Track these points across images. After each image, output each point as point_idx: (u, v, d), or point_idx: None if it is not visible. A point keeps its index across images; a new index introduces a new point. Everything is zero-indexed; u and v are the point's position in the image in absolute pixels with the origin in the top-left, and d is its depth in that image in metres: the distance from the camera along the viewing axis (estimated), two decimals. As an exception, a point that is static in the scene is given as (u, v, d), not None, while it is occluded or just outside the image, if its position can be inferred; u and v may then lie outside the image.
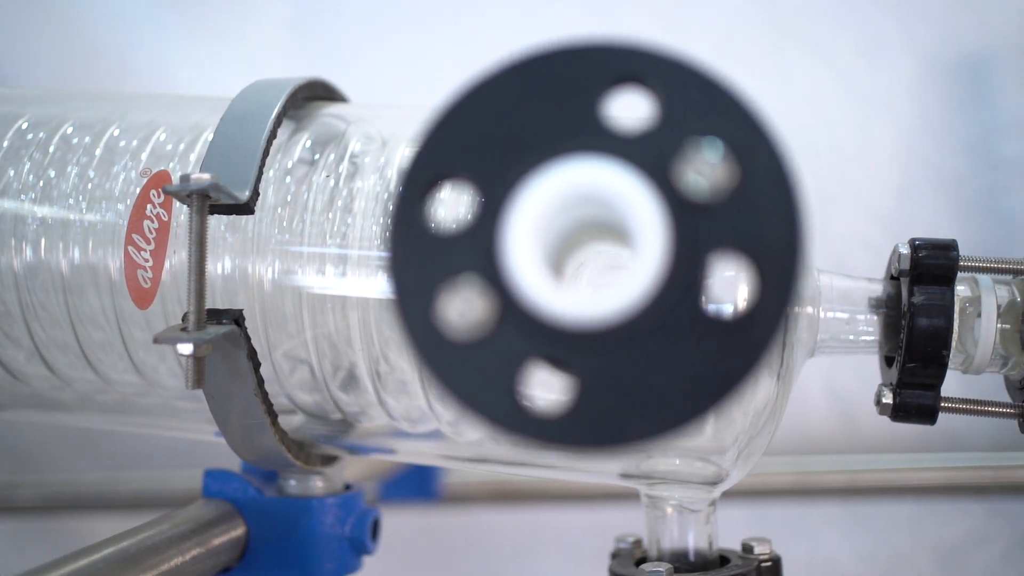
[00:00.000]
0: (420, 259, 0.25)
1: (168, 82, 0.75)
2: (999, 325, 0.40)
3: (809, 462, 0.70)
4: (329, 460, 0.45)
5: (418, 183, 0.25)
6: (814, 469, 0.69)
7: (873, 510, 0.73)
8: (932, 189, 0.74)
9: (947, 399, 0.40)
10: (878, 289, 0.42)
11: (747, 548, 0.43)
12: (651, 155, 0.24)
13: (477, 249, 0.25)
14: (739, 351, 0.24)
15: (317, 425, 0.43)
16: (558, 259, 0.31)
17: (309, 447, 0.43)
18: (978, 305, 0.40)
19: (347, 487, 0.46)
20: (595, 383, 0.24)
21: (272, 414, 0.39)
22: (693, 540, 0.42)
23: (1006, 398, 0.41)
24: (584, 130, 0.25)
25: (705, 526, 0.42)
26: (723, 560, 0.43)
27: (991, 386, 0.44)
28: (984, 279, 0.40)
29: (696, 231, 0.24)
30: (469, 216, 0.25)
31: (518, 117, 0.25)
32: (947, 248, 0.39)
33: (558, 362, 0.24)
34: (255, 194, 0.37)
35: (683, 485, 0.41)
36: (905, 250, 0.40)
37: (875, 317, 0.41)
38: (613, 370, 0.24)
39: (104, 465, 0.76)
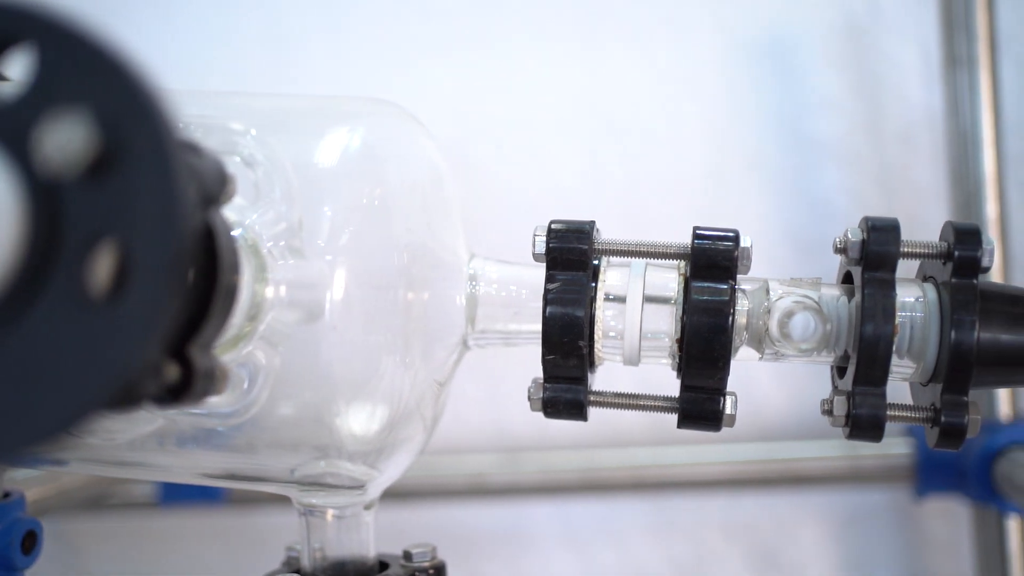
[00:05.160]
0: None
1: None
2: (659, 312, 0.37)
3: (603, 457, 0.67)
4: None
5: None
6: (609, 464, 0.67)
7: (678, 505, 0.70)
8: (741, 170, 0.71)
9: (598, 393, 0.38)
10: (538, 275, 0.38)
11: (407, 555, 0.40)
12: (12, 127, 0.21)
13: None
14: (111, 340, 0.21)
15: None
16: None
17: (-64, 454, 0.40)
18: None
19: (5, 495, 0.43)
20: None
21: None
22: (348, 547, 0.39)
23: (662, 391, 0.38)
24: (-49, 101, 0.22)
25: (359, 532, 0.40)
26: (383, 566, 0.40)
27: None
28: (637, 264, 0.37)
29: (58, 210, 0.21)
30: None
31: None
32: (579, 232, 0.36)
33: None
34: None
35: (331, 491, 0.39)
36: (540, 234, 0.37)
37: (533, 306, 0.38)
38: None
39: None
